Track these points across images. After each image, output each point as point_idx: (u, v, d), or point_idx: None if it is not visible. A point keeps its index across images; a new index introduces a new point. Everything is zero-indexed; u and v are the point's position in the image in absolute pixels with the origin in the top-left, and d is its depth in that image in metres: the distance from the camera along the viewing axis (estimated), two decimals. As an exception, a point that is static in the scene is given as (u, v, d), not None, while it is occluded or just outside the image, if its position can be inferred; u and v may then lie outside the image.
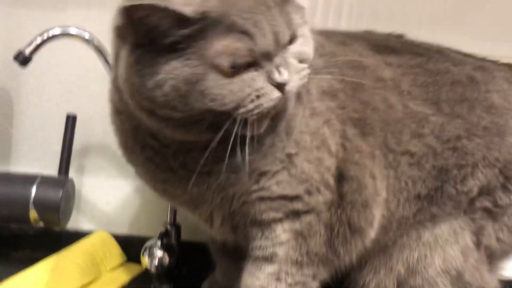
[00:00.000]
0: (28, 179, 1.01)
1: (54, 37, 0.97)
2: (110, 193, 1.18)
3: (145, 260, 0.99)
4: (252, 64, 0.63)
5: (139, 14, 0.59)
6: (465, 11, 1.16)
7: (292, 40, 0.67)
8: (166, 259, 0.98)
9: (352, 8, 1.16)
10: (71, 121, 1.06)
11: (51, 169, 1.07)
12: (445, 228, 0.85)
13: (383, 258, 0.86)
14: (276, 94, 0.64)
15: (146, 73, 0.62)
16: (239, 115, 0.63)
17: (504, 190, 0.85)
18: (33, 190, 0.99)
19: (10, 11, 1.12)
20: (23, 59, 0.95)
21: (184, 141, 0.71)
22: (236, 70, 0.62)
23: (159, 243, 0.99)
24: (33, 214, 0.99)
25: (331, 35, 0.90)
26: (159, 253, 0.98)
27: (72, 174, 1.11)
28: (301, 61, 0.68)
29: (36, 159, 1.17)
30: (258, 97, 0.63)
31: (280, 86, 0.64)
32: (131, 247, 1.10)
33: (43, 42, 0.96)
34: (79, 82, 0.85)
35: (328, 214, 0.78)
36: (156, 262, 0.98)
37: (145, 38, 0.62)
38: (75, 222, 1.17)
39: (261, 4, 0.63)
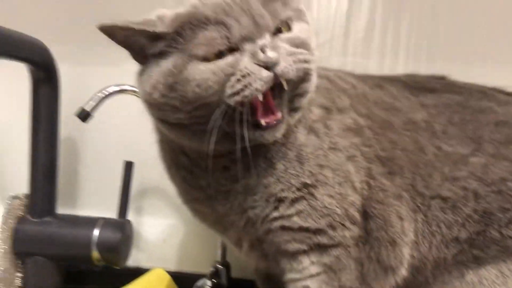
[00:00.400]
0: (91, 222, 1.09)
1: (111, 94, 1.06)
2: (165, 232, 1.24)
3: None
4: (234, 49, 0.66)
5: (115, 35, 0.67)
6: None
7: (281, 29, 0.68)
8: None
9: (408, 47, 1.18)
10: (129, 167, 1.13)
11: (113, 210, 1.14)
12: (491, 269, 0.82)
13: None
14: (265, 73, 0.64)
15: (144, 80, 0.70)
16: (230, 99, 0.64)
17: None
18: (95, 232, 1.07)
19: (74, 69, 1.22)
20: (84, 116, 1.05)
21: (210, 157, 0.73)
22: (220, 57, 0.66)
23: (208, 283, 1.03)
24: (95, 254, 1.06)
25: (368, 78, 0.92)
26: None
27: (131, 215, 1.18)
28: (296, 46, 0.68)
29: (99, 201, 1.25)
30: (243, 76, 0.64)
31: (268, 66, 0.64)
32: (185, 283, 1.13)
33: (102, 100, 1.06)
34: (135, 131, 0.92)
35: (356, 249, 0.79)
36: None
37: (137, 53, 0.70)
38: (135, 259, 1.24)
39: None
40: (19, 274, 1.10)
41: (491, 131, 0.85)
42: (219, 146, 0.69)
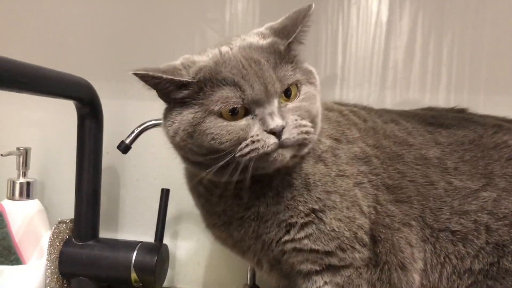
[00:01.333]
0: (130, 246, 1.16)
1: (148, 128, 1.15)
2: (200, 255, 1.31)
3: None
4: (248, 113, 0.74)
5: (146, 80, 0.75)
6: None
7: (287, 94, 0.76)
8: None
9: (451, 80, 1.20)
10: (165, 194, 1.21)
11: (151, 235, 1.21)
12: None
13: None
14: (272, 140, 0.72)
15: (168, 125, 0.79)
16: (240, 158, 0.73)
17: None
18: (134, 255, 1.14)
19: (115, 104, 1.32)
20: (124, 148, 1.14)
21: (222, 187, 0.81)
22: (234, 116, 0.73)
23: (239, 304, 1.08)
24: (133, 276, 1.14)
25: (384, 113, 0.97)
26: None
27: (167, 239, 1.27)
28: (302, 116, 0.75)
29: (138, 226, 1.33)
30: (253, 142, 0.72)
31: (275, 133, 0.72)
32: None
33: (140, 133, 1.14)
34: (171, 160, 0.99)
35: (367, 271, 0.83)
36: None
37: (163, 95, 0.78)
38: (171, 281, 1.30)
39: (252, 62, 0.74)
40: (65, 294, 1.20)
41: (503, 166, 0.87)
42: (229, 178, 0.77)
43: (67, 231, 1.20)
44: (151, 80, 0.75)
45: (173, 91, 0.77)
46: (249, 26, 1.26)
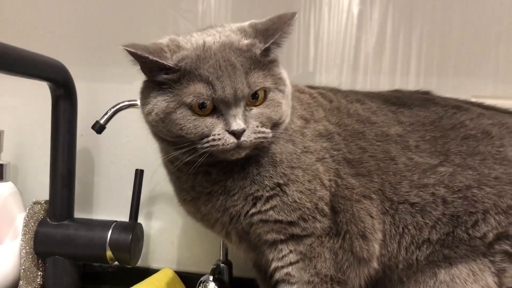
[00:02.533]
0: (105, 225, 1.19)
1: (122, 108, 1.18)
2: (173, 234, 1.34)
3: None
4: (215, 110, 0.80)
5: (135, 56, 0.79)
6: None
7: (254, 96, 0.81)
8: None
9: (419, 63, 1.25)
10: (139, 175, 1.23)
11: (125, 215, 1.23)
12: (462, 268, 0.90)
13: None
14: (232, 140, 0.79)
15: (143, 102, 0.85)
16: (202, 149, 0.80)
17: None
18: (109, 234, 1.17)
19: (89, 86, 1.34)
20: (99, 128, 1.16)
21: (189, 165, 0.85)
22: (203, 111, 0.79)
23: (211, 278, 1.12)
24: (109, 254, 1.17)
25: (351, 94, 1.02)
26: (211, 286, 1.11)
27: (142, 219, 1.29)
28: (262, 123, 0.82)
29: (113, 207, 1.36)
30: (214, 140, 0.79)
31: (235, 134, 0.79)
32: (191, 282, 1.22)
33: (114, 113, 1.17)
34: (145, 142, 1.02)
35: (329, 240, 0.88)
36: None
37: (145, 71, 0.83)
38: (145, 260, 1.34)
39: (229, 65, 0.79)
40: (40, 273, 1.21)
41: (458, 144, 0.93)
42: (197, 158, 0.83)
43: (42, 212, 1.22)
44: (138, 58, 0.79)
45: (155, 71, 0.81)
46: (221, 18, 1.29)
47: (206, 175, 0.89)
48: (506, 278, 0.89)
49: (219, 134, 0.79)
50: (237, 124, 0.79)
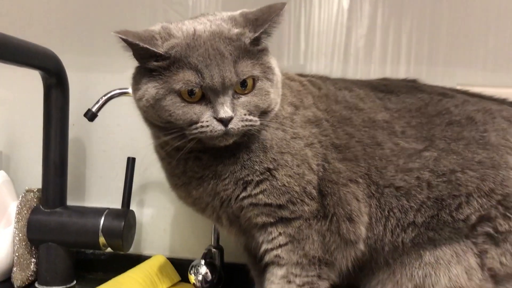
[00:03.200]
0: (98, 212, 1.21)
1: (114, 96, 1.19)
2: (165, 222, 1.36)
3: (191, 276, 1.14)
4: (204, 98, 0.82)
5: (127, 43, 0.81)
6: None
7: (243, 84, 0.83)
8: (209, 275, 1.13)
9: (410, 53, 1.27)
10: (131, 163, 1.25)
11: (118, 203, 1.25)
12: (447, 250, 0.93)
13: (387, 273, 0.96)
14: (219, 127, 0.81)
15: (135, 87, 0.87)
16: (190, 135, 0.83)
17: (504, 218, 0.91)
18: (102, 220, 1.19)
19: (81, 76, 1.35)
20: (91, 116, 1.18)
21: (179, 150, 0.87)
22: (192, 98, 0.81)
23: (202, 262, 1.14)
24: (101, 240, 1.19)
25: (339, 82, 1.05)
26: (203, 269, 1.13)
27: (134, 207, 1.31)
28: (250, 111, 0.84)
29: (105, 195, 1.38)
30: (202, 127, 0.82)
31: (223, 122, 0.81)
32: (183, 267, 1.24)
33: (106, 101, 1.18)
34: (137, 130, 1.04)
35: (317, 222, 0.91)
36: (200, 277, 1.12)
37: (137, 57, 0.84)
38: (137, 248, 1.36)
39: (218, 54, 0.81)
40: (33, 259, 1.23)
41: (443, 129, 0.96)
42: (186, 144, 0.85)
43: (35, 200, 1.24)
44: (129, 44, 0.81)
45: (146, 57, 0.83)
46: (211, 10, 1.30)
47: (197, 161, 0.91)
48: (487, 259, 0.92)
49: (207, 121, 0.82)
50: (225, 112, 0.81)
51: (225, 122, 0.81)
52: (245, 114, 0.84)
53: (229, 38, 0.83)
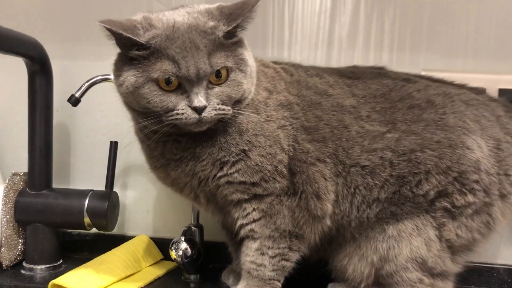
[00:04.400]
0: (82, 194, 1.26)
1: (97, 82, 1.24)
2: (148, 203, 1.41)
3: (172, 252, 1.18)
4: (180, 87, 0.88)
5: (110, 32, 0.87)
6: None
7: (218, 75, 0.89)
8: (189, 251, 1.18)
9: (392, 39, 1.30)
10: (113, 146, 1.30)
11: (102, 186, 1.30)
12: (408, 224, 0.99)
13: (354, 246, 1.03)
14: (194, 115, 0.88)
15: (116, 74, 0.93)
16: (167, 121, 0.90)
17: (460, 194, 0.98)
18: (86, 201, 1.25)
19: (64, 63, 1.39)
20: (74, 101, 1.22)
21: (156, 133, 0.94)
22: (169, 87, 0.88)
23: (183, 238, 1.19)
24: (87, 220, 1.24)
25: (311, 69, 1.11)
26: (183, 245, 1.17)
27: (118, 189, 1.36)
28: (223, 101, 0.90)
29: (89, 178, 1.42)
30: (178, 114, 0.88)
31: (197, 110, 0.87)
32: (165, 246, 1.27)
33: (89, 87, 1.23)
34: (119, 115, 1.08)
35: (288, 199, 0.97)
36: (180, 253, 1.17)
37: (119, 46, 0.90)
38: (121, 228, 1.41)
39: (193, 46, 0.87)
40: (20, 240, 1.28)
41: (404, 113, 1.02)
42: (162, 128, 0.92)
43: (21, 183, 1.28)
44: (113, 33, 0.87)
45: (128, 46, 0.88)
46: (195, 1, 1.34)
47: (176, 143, 0.97)
48: (445, 231, 0.99)
49: (182, 109, 0.88)
50: (199, 101, 0.87)
51: (199, 110, 0.88)
52: (218, 104, 0.90)
53: (204, 32, 0.89)
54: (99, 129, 1.42)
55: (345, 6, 1.32)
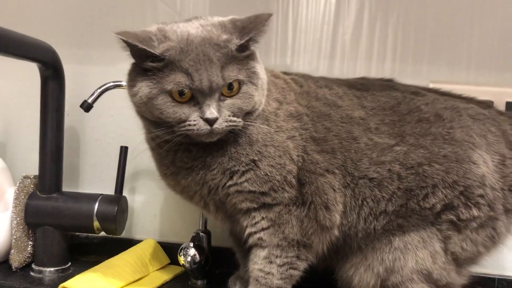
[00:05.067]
0: (92, 197, 1.28)
1: (109, 88, 1.25)
2: (155, 208, 1.42)
3: (181, 258, 1.20)
4: (193, 99, 0.90)
5: (126, 43, 0.88)
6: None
7: (230, 87, 0.91)
8: (197, 257, 1.19)
9: (395, 50, 1.31)
10: (124, 152, 1.32)
11: (110, 190, 1.32)
12: (414, 236, 1.00)
13: (360, 257, 1.04)
14: (205, 127, 0.89)
15: (130, 84, 0.94)
16: (179, 131, 0.91)
17: (465, 207, 0.99)
18: (96, 205, 1.26)
19: (77, 68, 1.41)
20: (87, 107, 1.24)
21: (168, 143, 0.95)
22: (182, 98, 0.89)
23: (191, 244, 1.20)
24: (96, 224, 1.25)
25: (320, 80, 1.12)
26: (191, 251, 1.19)
27: (126, 194, 1.36)
28: (234, 113, 0.91)
29: (98, 182, 1.44)
30: (190, 125, 0.90)
31: (209, 122, 0.89)
32: (173, 251, 1.30)
33: (102, 93, 1.25)
34: (129, 121, 1.09)
35: (296, 208, 0.98)
36: (189, 259, 1.19)
37: (134, 57, 0.92)
38: (129, 232, 1.42)
39: (207, 59, 0.88)
40: (30, 242, 1.30)
41: (413, 126, 1.03)
42: (175, 138, 0.93)
43: (32, 186, 1.29)
44: (128, 45, 0.89)
45: (143, 57, 0.90)
46: (199, 3, 1.36)
47: (187, 152, 0.98)
48: (450, 244, 1.00)
49: (194, 121, 0.89)
50: (211, 113, 0.89)
51: (210, 122, 0.89)
52: (229, 116, 0.91)
53: (218, 45, 0.90)
54: (108, 133, 1.43)
55: (348, 15, 1.33)
